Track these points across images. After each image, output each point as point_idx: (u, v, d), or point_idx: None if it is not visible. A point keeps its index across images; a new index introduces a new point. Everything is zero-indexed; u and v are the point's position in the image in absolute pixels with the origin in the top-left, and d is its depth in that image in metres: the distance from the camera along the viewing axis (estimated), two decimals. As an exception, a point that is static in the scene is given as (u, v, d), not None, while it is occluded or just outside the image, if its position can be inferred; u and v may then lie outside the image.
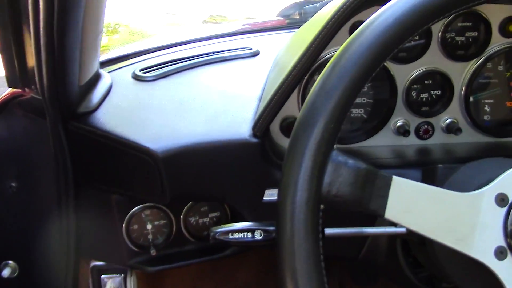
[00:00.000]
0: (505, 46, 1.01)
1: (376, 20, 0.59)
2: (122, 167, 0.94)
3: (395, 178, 0.61)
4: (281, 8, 1.75)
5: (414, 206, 0.60)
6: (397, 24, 0.58)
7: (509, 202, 0.62)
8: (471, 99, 1.07)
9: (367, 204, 0.59)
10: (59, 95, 0.83)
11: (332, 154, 0.59)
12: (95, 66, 0.93)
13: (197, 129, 0.92)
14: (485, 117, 1.09)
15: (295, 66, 0.85)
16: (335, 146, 0.60)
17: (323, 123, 0.58)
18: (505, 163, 0.69)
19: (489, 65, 1.06)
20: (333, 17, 0.78)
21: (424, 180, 0.87)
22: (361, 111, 1.07)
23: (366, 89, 1.06)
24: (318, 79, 0.60)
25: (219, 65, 1.15)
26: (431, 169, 0.84)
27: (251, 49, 1.22)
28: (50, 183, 1.03)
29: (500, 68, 1.07)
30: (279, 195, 0.59)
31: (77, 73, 0.82)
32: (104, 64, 1.14)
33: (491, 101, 1.09)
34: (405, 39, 0.58)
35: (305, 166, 0.57)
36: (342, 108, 0.59)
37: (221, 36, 1.29)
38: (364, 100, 1.07)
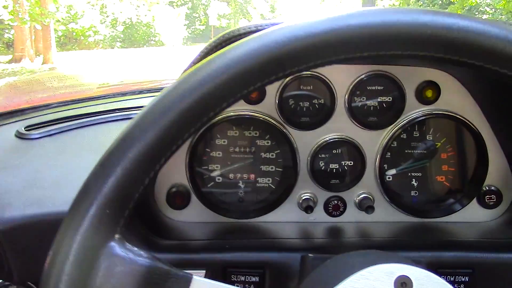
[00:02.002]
0: (423, 114, 0.89)
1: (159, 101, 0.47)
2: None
3: (195, 279, 0.47)
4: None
5: None
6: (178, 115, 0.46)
7: None
8: (394, 171, 0.94)
9: None
10: None
11: (108, 247, 0.46)
12: None
13: (55, 198, 0.80)
14: (412, 193, 0.95)
15: None
16: (116, 236, 0.47)
17: (97, 207, 0.45)
18: (366, 260, 0.55)
19: (416, 134, 0.94)
20: None
21: (300, 269, 0.73)
22: (268, 180, 0.94)
23: (274, 156, 0.94)
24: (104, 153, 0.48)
25: (116, 124, 1.04)
26: (304, 258, 0.70)
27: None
28: None
29: (429, 137, 0.94)
30: None
31: None
32: (-7, 119, 1.04)
33: (419, 174, 0.95)
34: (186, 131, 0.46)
35: (69, 262, 0.44)
36: (123, 191, 0.46)
37: (126, 93, 1.19)
38: (272, 168, 0.94)
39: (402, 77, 0.87)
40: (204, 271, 0.77)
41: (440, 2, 17.69)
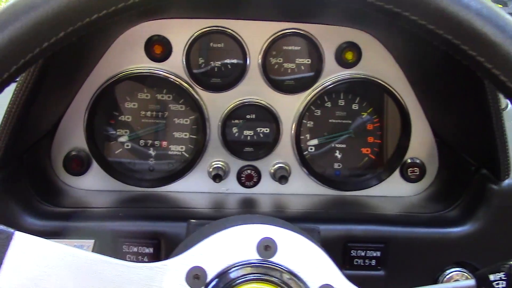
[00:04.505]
0: (343, 77, 0.82)
1: None
2: None
3: (18, 236, 0.39)
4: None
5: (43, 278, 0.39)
6: None
7: (207, 281, 0.41)
8: (315, 142, 0.87)
9: None
10: None
11: None
12: None
13: None
14: (336, 166, 0.89)
15: None
16: None
17: None
18: (236, 222, 0.48)
19: (341, 102, 0.87)
20: None
21: (185, 235, 0.66)
22: (181, 148, 0.87)
23: (188, 122, 0.86)
24: None
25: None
26: (188, 224, 0.63)
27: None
28: None
29: (355, 107, 0.87)
30: None
31: None
32: None
33: (343, 146, 0.88)
34: None
35: None
36: None
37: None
38: (185, 135, 0.87)
39: (320, 37, 0.81)
40: (93, 241, 0.70)
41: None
